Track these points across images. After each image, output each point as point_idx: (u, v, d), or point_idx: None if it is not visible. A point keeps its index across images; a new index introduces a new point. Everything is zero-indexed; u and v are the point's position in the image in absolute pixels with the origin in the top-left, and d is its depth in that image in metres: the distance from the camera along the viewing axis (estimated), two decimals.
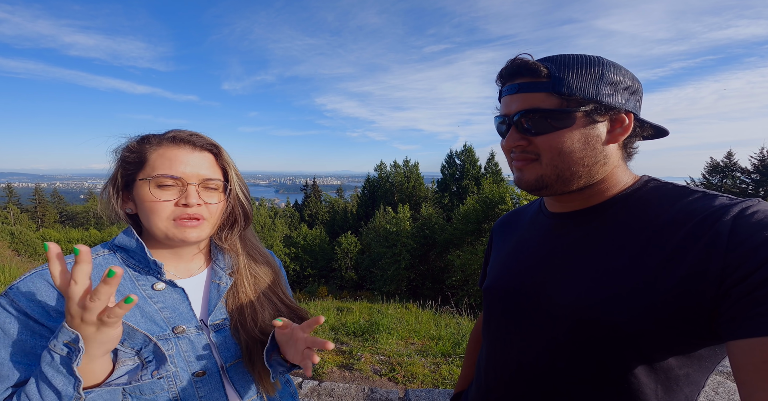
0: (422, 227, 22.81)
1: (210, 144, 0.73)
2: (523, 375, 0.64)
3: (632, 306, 0.51)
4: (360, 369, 2.81)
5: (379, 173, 33.59)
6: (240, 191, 0.76)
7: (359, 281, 24.08)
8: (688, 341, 0.51)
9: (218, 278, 0.77)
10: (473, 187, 27.07)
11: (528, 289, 0.66)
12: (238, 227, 0.78)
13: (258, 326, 0.77)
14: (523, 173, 0.63)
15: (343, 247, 24.92)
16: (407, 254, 21.34)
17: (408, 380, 2.56)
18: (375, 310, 6.65)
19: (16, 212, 39.90)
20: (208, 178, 0.70)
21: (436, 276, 21.25)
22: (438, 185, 30.87)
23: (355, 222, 32.13)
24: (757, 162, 22.20)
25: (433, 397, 1.73)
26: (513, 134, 0.61)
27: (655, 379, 0.53)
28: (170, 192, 0.67)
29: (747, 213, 0.48)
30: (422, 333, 4.27)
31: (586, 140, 0.58)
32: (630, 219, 0.58)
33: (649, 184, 0.61)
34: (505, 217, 0.89)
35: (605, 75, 0.57)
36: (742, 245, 0.45)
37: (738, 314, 0.44)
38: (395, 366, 2.89)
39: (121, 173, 0.70)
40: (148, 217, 0.67)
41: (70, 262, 0.61)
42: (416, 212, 25.39)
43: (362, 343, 3.72)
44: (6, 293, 0.61)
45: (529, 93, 0.59)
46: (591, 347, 0.56)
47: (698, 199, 0.54)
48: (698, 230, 0.49)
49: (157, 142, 0.70)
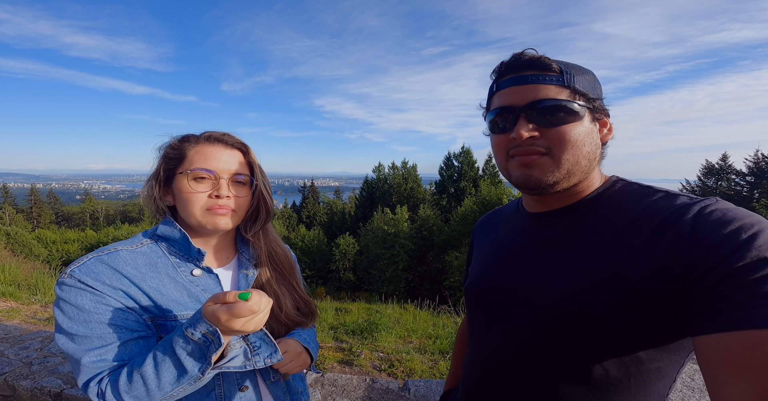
0: (420, 228, 22.88)
1: (240, 143, 0.80)
2: (502, 370, 0.66)
3: (602, 300, 0.53)
4: (360, 364, 2.87)
5: (377, 175, 33.66)
6: (264, 187, 0.82)
7: (357, 283, 24.08)
8: (657, 335, 0.52)
9: (245, 269, 0.84)
10: (471, 189, 27.20)
11: (505, 287, 0.68)
12: (261, 220, 0.84)
13: (283, 312, 0.84)
14: (532, 170, 0.60)
15: (341, 248, 24.93)
16: (405, 256, 21.39)
17: (407, 375, 2.62)
18: (373, 310, 6.70)
19: (11, 213, 39.62)
20: (237, 173, 0.77)
21: (434, 277, 21.31)
22: (436, 186, 30.96)
23: (353, 223, 32.13)
24: (752, 164, 22.46)
25: (431, 387, 1.80)
26: (524, 125, 0.58)
27: (627, 373, 0.54)
28: (204, 185, 0.74)
29: (706, 211, 0.49)
30: (420, 331, 4.33)
31: (592, 135, 0.60)
32: (599, 218, 0.60)
33: (617, 184, 0.64)
34: (484, 218, 0.90)
35: (597, 80, 0.62)
36: (703, 243, 0.47)
37: (702, 310, 0.45)
38: (394, 362, 2.95)
39: (163, 167, 0.77)
40: (185, 207, 0.74)
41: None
42: (414, 214, 25.46)
43: (361, 341, 3.78)
44: (71, 275, 0.66)
45: (540, 84, 0.57)
46: (565, 342, 0.57)
47: (661, 198, 0.56)
48: (661, 228, 0.51)
49: (195, 140, 0.78)
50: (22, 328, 2.70)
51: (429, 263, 22.19)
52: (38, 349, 2.26)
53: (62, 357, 2.15)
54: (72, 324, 0.64)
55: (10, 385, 1.86)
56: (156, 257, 0.75)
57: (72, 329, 0.64)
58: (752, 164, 22.47)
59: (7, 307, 4.07)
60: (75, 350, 0.64)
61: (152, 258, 0.74)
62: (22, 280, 5.54)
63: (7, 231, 21.94)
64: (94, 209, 53.06)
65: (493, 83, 0.65)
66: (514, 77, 0.60)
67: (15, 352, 2.21)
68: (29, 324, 3.54)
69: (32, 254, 19.35)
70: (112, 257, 0.70)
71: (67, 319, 0.65)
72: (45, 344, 2.34)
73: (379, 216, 23.95)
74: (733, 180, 23.25)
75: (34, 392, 1.80)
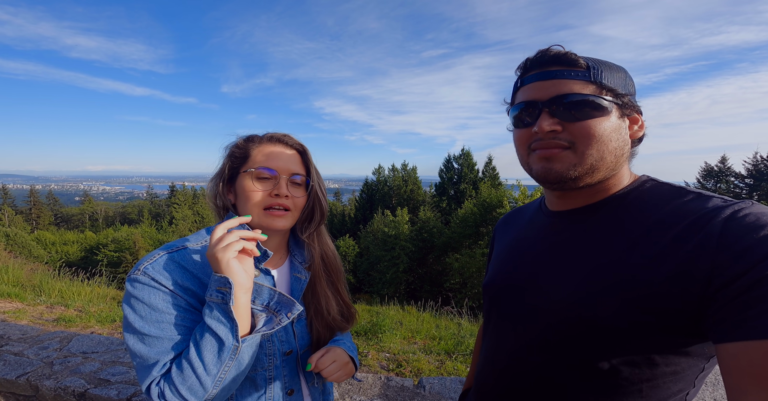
0: (420, 230, 22.91)
1: (298, 144, 0.83)
2: (512, 369, 0.65)
3: (615, 302, 0.52)
4: (368, 364, 2.92)
5: (377, 177, 33.65)
6: (319, 189, 0.84)
7: (357, 285, 24.06)
8: (674, 339, 0.50)
9: (298, 272, 0.86)
10: (471, 191, 27.24)
11: (521, 286, 0.67)
12: (316, 221, 0.86)
13: (331, 316, 0.86)
14: (552, 163, 0.59)
15: (342, 250, 24.92)
16: (405, 258, 21.41)
17: (415, 374, 2.67)
18: (375, 312, 6.74)
19: (10, 214, 39.50)
20: (296, 172, 0.79)
21: (435, 279, 21.33)
22: (436, 188, 31.00)
23: (353, 226, 32.12)
24: (751, 167, 22.56)
25: (445, 384, 1.85)
26: (546, 119, 0.58)
27: (640, 376, 0.53)
28: (265, 184, 0.77)
29: (739, 215, 0.47)
30: (423, 333, 4.38)
31: (619, 131, 0.58)
32: (623, 217, 0.58)
33: (647, 184, 0.61)
34: (506, 216, 0.91)
35: (629, 77, 0.61)
36: (732, 247, 0.45)
37: (727, 316, 0.43)
38: (402, 362, 3.01)
39: (229, 166, 0.80)
40: (245, 204, 0.77)
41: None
42: (414, 216, 25.49)
43: (366, 342, 3.83)
44: (144, 272, 0.67)
45: (566, 79, 0.57)
46: (576, 342, 0.56)
47: (692, 200, 0.54)
48: (690, 231, 0.49)
49: (259, 140, 0.81)
50: (39, 329, 2.75)
51: (429, 265, 22.21)
52: (57, 349, 2.31)
53: (83, 356, 2.20)
54: (144, 324, 0.65)
55: (33, 385, 1.91)
56: None
57: (144, 329, 0.65)
58: (751, 166, 22.58)
59: (13, 308, 4.11)
60: (146, 352, 0.64)
61: None
62: (25, 281, 5.57)
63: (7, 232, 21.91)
64: (93, 210, 52.95)
65: (517, 79, 0.65)
66: (539, 72, 0.60)
67: (35, 352, 2.26)
68: (38, 324, 3.58)
69: (31, 256, 19.30)
70: (182, 255, 0.72)
71: (138, 318, 0.65)
72: (64, 344, 2.39)
73: (379, 218, 23.99)
74: (732, 182, 23.33)
75: (58, 392, 1.85)
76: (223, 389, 0.65)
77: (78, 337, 2.46)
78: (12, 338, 2.51)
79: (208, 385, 0.62)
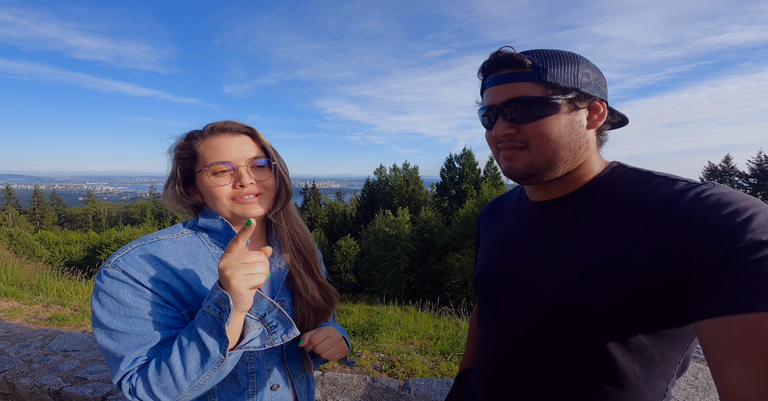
0: (421, 230, 22.86)
1: (245, 127, 0.79)
2: (510, 357, 0.68)
3: (602, 288, 0.54)
4: (360, 364, 2.85)
5: (378, 177, 33.66)
6: (281, 167, 0.82)
7: (358, 284, 24.03)
8: (658, 320, 0.53)
9: (278, 263, 0.83)
10: (472, 190, 27.16)
11: (509, 276, 0.69)
12: (282, 200, 0.83)
13: (310, 296, 0.83)
14: (513, 162, 0.64)
15: (343, 250, 24.92)
16: (406, 258, 21.36)
17: (407, 375, 2.60)
18: (374, 312, 6.68)
19: (14, 214, 39.82)
20: (254, 157, 0.76)
21: (436, 279, 21.26)
22: (437, 188, 30.95)
23: (354, 225, 32.12)
24: (755, 166, 22.37)
25: (431, 386, 1.78)
26: (501, 123, 0.62)
27: (632, 358, 0.55)
28: (225, 177, 0.73)
29: (702, 195, 0.50)
30: (421, 333, 4.31)
31: (572, 125, 0.60)
32: (599, 205, 0.61)
33: (618, 170, 0.64)
34: (489, 205, 0.92)
35: (581, 67, 0.61)
36: (700, 227, 0.47)
37: (701, 294, 0.46)
38: (395, 362, 2.94)
39: (180, 169, 0.77)
40: (213, 202, 0.74)
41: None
42: (415, 216, 25.44)
43: (362, 342, 3.76)
44: (115, 264, 0.64)
45: (514, 83, 0.60)
46: (568, 328, 0.58)
47: (660, 184, 0.57)
48: (659, 214, 0.52)
49: (201, 135, 0.76)
50: (24, 327, 2.70)
51: (430, 265, 22.14)
52: (39, 347, 2.27)
53: (63, 355, 2.15)
54: (111, 319, 0.63)
55: (10, 383, 1.86)
56: (196, 247, 0.74)
57: (111, 324, 0.62)
58: (755, 166, 22.38)
59: (9, 307, 4.08)
60: (114, 347, 0.62)
61: (192, 248, 0.74)
62: (24, 280, 5.56)
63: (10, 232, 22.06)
64: (97, 210, 53.29)
65: (481, 82, 0.68)
66: (494, 77, 0.63)
67: (16, 350, 2.21)
68: (31, 323, 3.55)
69: (35, 255, 19.41)
70: (156, 247, 0.69)
71: (106, 313, 0.63)
72: (45, 342, 2.34)
73: (381, 218, 23.94)
74: (736, 182, 23.14)
75: (33, 390, 1.80)
76: (199, 386, 0.64)
77: (61, 335, 2.41)
78: None
79: (184, 389, 0.61)
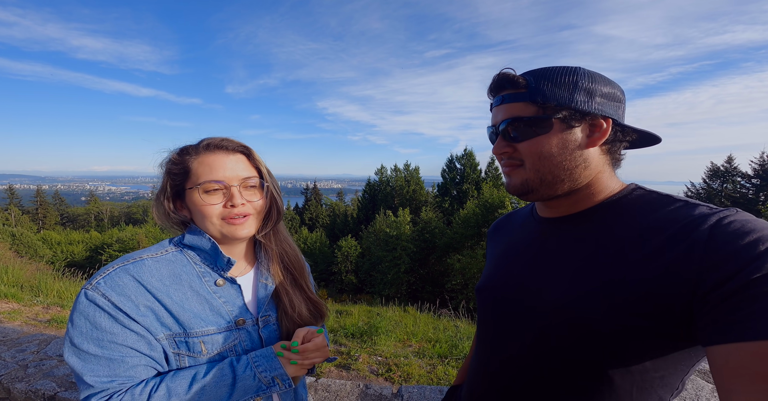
0: (422, 231, 22.83)
1: (241, 146, 0.78)
2: (504, 373, 0.67)
3: (605, 307, 0.53)
4: (357, 368, 2.85)
5: (379, 177, 33.66)
6: (274, 188, 0.82)
7: (359, 285, 24.02)
8: (663, 343, 0.52)
9: (265, 279, 0.84)
10: (473, 191, 27.12)
11: (513, 291, 0.69)
12: (272, 220, 0.84)
13: (297, 313, 0.84)
14: (511, 178, 0.66)
15: (344, 250, 24.92)
16: (407, 258, 21.33)
17: (404, 380, 2.60)
18: (374, 313, 6.68)
19: (17, 214, 40.01)
20: (247, 177, 0.76)
21: (436, 280, 21.23)
22: (438, 189, 30.92)
23: (355, 226, 32.13)
24: (758, 167, 22.22)
25: (424, 393, 1.78)
26: (499, 142, 0.65)
27: (631, 381, 0.54)
28: (216, 196, 0.73)
29: (724, 222, 0.49)
30: (420, 335, 4.30)
31: (564, 144, 0.60)
32: (613, 224, 0.59)
33: (635, 192, 0.63)
34: (498, 221, 0.92)
35: (579, 83, 0.59)
36: (719, 252, 0.47)
37: (715, 319, 0.45)
38: (392, 366, 2.93)
39: (170, 184, 0.76)
40: (202, 220, 0.74)
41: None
42: (416, 216, 25.42)
43: (360, 345, 3.76)
44: (95, 287, 0.65)
45: (511, 103, 0.63)
46: (567, 347, 0.58)
47: (680, 208, 0.55)
48: (677, 237, 0.51)
49: (195, 151, 0.75)
50: (21, 330, 2.71)
51: (431, 265, 22.12)
52: (35, 352, 2.27)
53: (58, 359, 2.15)
54: (82, 341, 0.63)
55: (5, 388, 1.87)
56: (180, 266, 0.74)
57: (82, 345, 0.63)
58: (758, 167, 22.23)
59: (9, 309, 4.09)
60: (80, 367, 0.63)
61: (176, 268, 0.73)
62: (24, 281, 5.57)
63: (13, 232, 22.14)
64: (99, 210, 53.46)
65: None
66: (496, 98, 0.66)
67: (12, 355, 2.22)
68: (30, 326, 3.55)
69: (37, 255, 19.47)
70: (138, 267, 0.69)
71: (78, 334, 0.63)
72: (42, 347, 2.34)
73: (382, 218, 23.93)
74: (739, 182, 22.99)
75: (29, 395, 1.80)
76: None
77: (56, 340, 2.42)
78: None
79: None
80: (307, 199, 43.44)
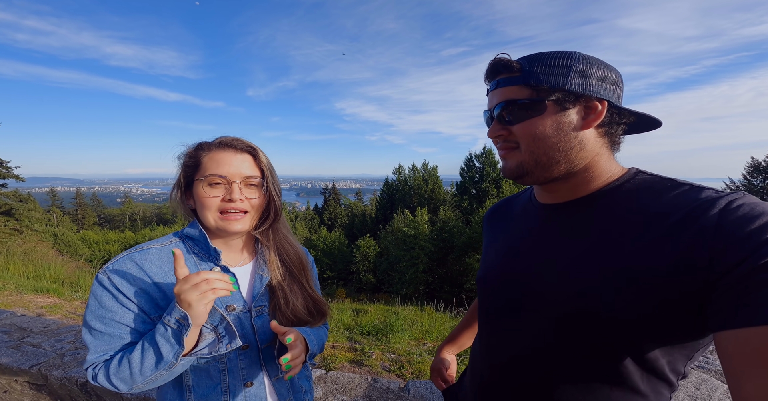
0: (440, 230, 22.63)
1: (249, 147, 0.83)
2: (516, 364, 0.66)
3: (615, 295, 0.53)
4: (370, 364, 2.89)
5: (397, 177, 33.62)
6: (273, 189, 0.86)
7: (377, 284, 24.13)
8: (675, 330, 0.51)
9: (262, 271, 0.89)
10: (493, 190, 26.58)
11: (517, 279, 0.68)
12: (269, 219, 0.88)
13: (290, 309, 0.88)
14: (507, 161, 0.66)
15: (362, 250, 25.09)
16: (425, 258, 21.22)
17: (415, 376, 2.62)
18: (391, 312, 6.71)
19: (59, 215, 42.76)
20: (249, 176, 0.81)
21: (455, 280, 21.00)
22: (457, 188, 30.51)
23: (373, 225, 32.26)
24: None
25: (431, 388, 1.79)
26: (494, 126, 0.66)
27: (642, 368, 0.55)
28: (218, 190, 0.79)
29: (733, 206, 0.48)
30: (435, 334, 4.30)
31: (559, 126, 0.60)
32: (618, 210, 0.59)
33: (638, 176, 0.62)
34: (495, 206, 0.91)
35: (573, 66, 0.59)
36: (729, 237, 0.46)
37: (726, 304, 0.45)
38: (404, 363, 2.95)
39: (183, 175, 0.83)
40: (202, 211, 0.79)
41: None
42: (434, 216, 25.22)
43: (375, 342, 3.80)
44: (104, 270, 0.74)
45: (505, 87, 0.63)
46: (578, 337, 0.57)
47: (686, 192, 0.54)
48: (685, 222, 0.50)
49: (208, 147, 0.82)
50: (61, 322, 2.92)
51: (449, 265, 21.90)
52: (71, 342, 2.45)
53: None
54: (92, 318, 0.73)
55: (44, 375, 2.03)
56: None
57: (91, 323, 0.73)
58: None
59: (51, 303, 4.41)
60: (90, 342, 0.73)
61: None
62: (65, 278, 5.99)
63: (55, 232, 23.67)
64: (133, 211, 56.33)
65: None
66: (492, 83, 0.67)
67: (51, 344, 2.41)
68: (69, 318, 3.82)
69: (77, 254, 20.76)
70: (142, 255, 0.77)
71: (89, 312, 0.73)
72: (78, 337, 2.52)
73: (400, 218, 23.91)
74: None
75: (63, 381, 1.95)
76: (150, 381, 0.73)
77: None
78: (34, 331, 2.69)
79: (138, 381, 0.71)
80: (326, 199, 44.02)
